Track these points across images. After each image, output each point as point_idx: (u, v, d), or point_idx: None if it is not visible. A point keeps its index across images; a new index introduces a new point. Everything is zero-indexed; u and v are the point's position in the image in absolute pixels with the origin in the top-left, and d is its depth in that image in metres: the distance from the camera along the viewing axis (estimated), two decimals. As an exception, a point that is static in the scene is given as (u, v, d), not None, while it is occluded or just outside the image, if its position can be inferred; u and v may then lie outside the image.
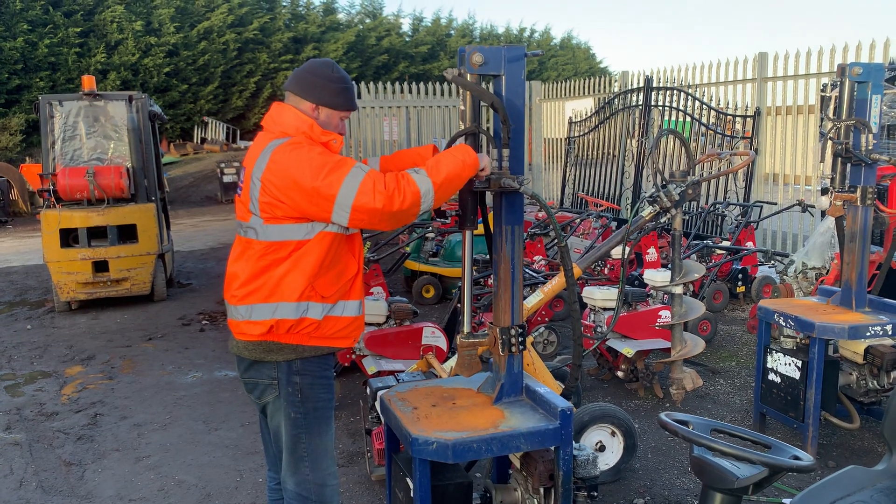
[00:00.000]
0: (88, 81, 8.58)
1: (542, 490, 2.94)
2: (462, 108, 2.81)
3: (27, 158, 20.53)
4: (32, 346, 7.09)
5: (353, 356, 5.46)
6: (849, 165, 4.29)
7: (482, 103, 2.76)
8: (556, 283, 4.26)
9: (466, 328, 2.98)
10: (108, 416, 5.28)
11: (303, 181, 2.44)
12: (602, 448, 4.05)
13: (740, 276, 7.81)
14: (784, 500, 3.78)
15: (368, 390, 4.14)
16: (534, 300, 4.22)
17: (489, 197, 2.96)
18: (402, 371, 4.58)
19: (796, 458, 1.71)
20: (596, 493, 3.10)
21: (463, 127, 2.82)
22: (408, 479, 2.82)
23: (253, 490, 4.12)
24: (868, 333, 4.12)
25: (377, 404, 3.90)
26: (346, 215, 2.45)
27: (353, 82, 2.86)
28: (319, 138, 2.60)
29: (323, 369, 2.64)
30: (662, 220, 4.04)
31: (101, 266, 8.29)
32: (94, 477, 4.35)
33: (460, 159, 2.55)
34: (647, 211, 3.96)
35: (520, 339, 2.89)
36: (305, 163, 2.46)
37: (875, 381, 4.38)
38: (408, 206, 2.44)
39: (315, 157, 2.49)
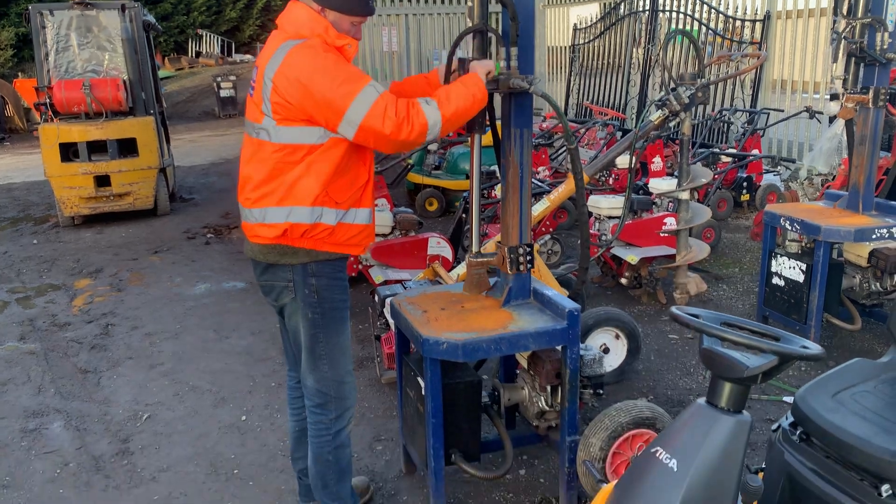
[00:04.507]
0: (78, -11, 8.32)
1: (549, 388, 3.02)
2: (469, 3, 2.72)
3: (19, 74, 20.13)
4: (40, 260, 7.14)
5: (360, 266, 5.50)
6: (862, 66, 4.20)
7: (490, -1, 2.68)
8: (563, 190, 4.25)
9: (475, 247, 2.98)
10: (120, 327, 5.37)
11: (314, 89, 2.39)
12: (606, 350, 4.13)
13: (745, 184, 7.77)
14: (785, 398, 3.88)
15: (376, 298, 4.19)
16: (540, 208, 4.22)
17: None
18: (409, 280, 4.62)
19: (805, 347, 1.74)
20: (602, 392, 3.19)
21: (470, 25, 2.75)
22: (419, 379, 2.89)
23: (266, 394, 4.23)
24: (874, 236, 4.14)
25: (386, 310, 3.95)
26: (353, 132, 2.43)
27: None
28: (335, 42, 2.52)
29: (337, 271, 2.66)
30: (672, 125, 4.00)
31: (102, 181, 8.26)
32: (109, 383, 4.46)
33: (471, 94, 2.54)
34: (657, 115, 3.90)
35: (528, 258, 2.90)
36: (319, 70, 2.40)
37: (878, 284, 4.43)
38: (414, 137, 2.44)
39: (330, 65, 2.42)
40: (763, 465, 2.29)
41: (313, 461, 2.79)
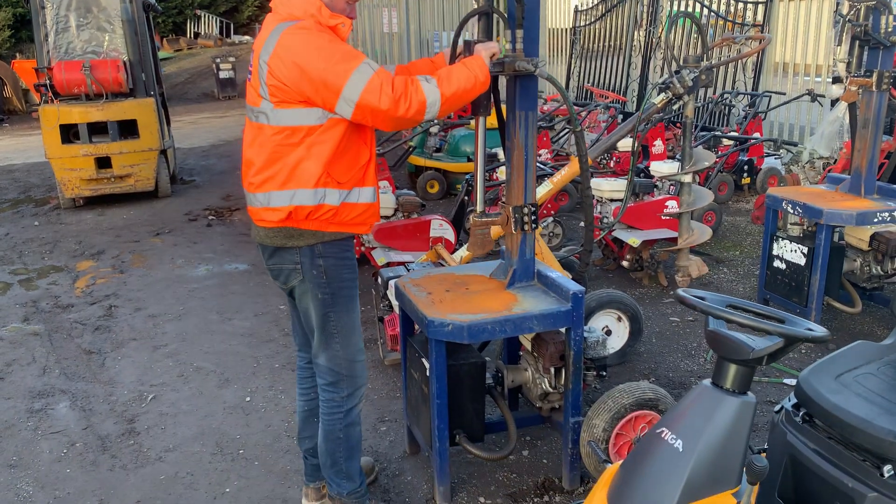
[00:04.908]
0: (76, -31, 8.25)
1: (552, 370, 3.04)
2: (476, -14, 2.71)
3: (17, 55, 20.03)
4: (42, 242, 7.15)
5: (363, 248, 5.52)
6: (866, 49, 4.20)
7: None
8: (566, 173, 4.24)
9: (479, 207, 2.99)
10: (123, 308, 5.39)
11: (309, 70, 2.39)
12: (609, 333, 4.15)
13: (746, 167, 7.77)
14: (785, 380, 3.91)
15: (379, 280, 4.21)
16: (543, 190, 4.22)
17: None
18: (412, 262, 4.64)
19: (810, 330, 1.75)
20: (604, 374, 3.21)
21: (476, 6, 2.75)
22: (423, 360, 2.91)
23: (270, 375, 4.26)
24: (875, 220, 4.15)
25: (390, 292, 3.97)
26: (350, 110, 2.43)
27: None
28: (327, 22, 2.52)
29: (344, 251, 2.67)
30: (674, 107, 3.99)
31: (103, 162, 8.25)
32: (114, 364, 4.48)
33: (473, 76, 2.54)
34: (660, 98, 3.90)
35: (532, 218, 2.90)
36: (313, 51, 2.40)
37: (879, 267, 4.45)
38: (412, 114, 2.45)
39: (323, 44, 2.42)
40: (765, 447, 2.32)
41: (324, 438, 2.81)
